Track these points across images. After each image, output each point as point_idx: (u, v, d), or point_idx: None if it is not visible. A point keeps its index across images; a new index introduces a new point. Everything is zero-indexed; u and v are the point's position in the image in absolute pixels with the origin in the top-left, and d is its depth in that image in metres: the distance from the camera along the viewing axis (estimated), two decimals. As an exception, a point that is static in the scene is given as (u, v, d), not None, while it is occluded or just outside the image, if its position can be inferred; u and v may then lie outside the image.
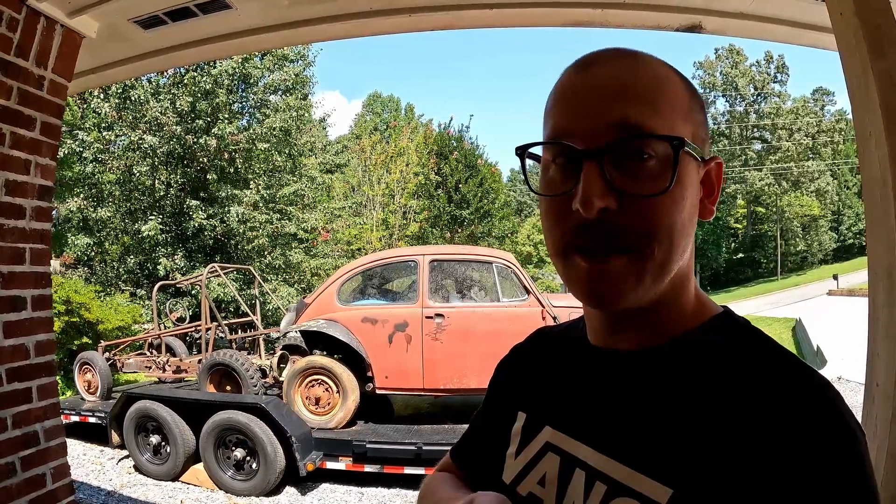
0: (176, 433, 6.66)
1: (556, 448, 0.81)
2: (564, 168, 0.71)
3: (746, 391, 0.64)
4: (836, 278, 34.34)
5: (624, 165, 0.68)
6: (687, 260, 0.74)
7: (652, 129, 0.67)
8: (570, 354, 0.89)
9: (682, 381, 0.70)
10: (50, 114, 2.73)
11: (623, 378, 0.76)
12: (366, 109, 56.23)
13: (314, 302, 7.33)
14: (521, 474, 0.85)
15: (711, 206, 0.77)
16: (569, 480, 0.76)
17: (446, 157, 25.73)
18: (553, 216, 0.72)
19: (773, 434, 0.59)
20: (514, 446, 0.89)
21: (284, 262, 18.30)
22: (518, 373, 1.00)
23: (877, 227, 1.82)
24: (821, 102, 56.90)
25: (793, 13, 2.88)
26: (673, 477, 0.64)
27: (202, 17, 2.96)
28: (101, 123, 16.08)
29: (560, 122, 0.71)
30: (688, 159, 0.70)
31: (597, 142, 0.67)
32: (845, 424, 0.60)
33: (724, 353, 0.70)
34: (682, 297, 0.76)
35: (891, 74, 1.76)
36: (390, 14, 2.98)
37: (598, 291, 0.70)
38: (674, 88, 0.72)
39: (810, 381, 0.63)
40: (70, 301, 11.44)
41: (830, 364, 12.10)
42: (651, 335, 0.75)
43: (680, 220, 0.69)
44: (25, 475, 2.52)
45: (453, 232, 24.77)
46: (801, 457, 0.58)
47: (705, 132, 0.76)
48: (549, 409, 0.87)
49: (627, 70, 0.71)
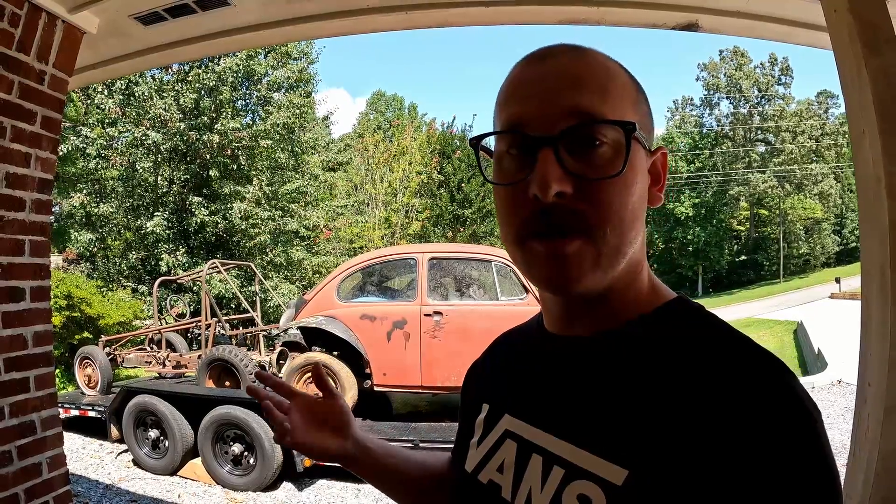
0: (174, 428, 6.68)
1: (514, 435, 0.82)
2: (519, 157, 0.73)
3: (701, 372, 0.64)
4: (839, 281, 34.16)
5: (578, 151, 0.69)
6: (639, 246, 0.76)
7: (604, 116, 0.70)
8: (528, 344, 0.91)
9: (636, 363, 0.71)
10: (51, 108, 2.74)
11: (577, 363, 0.78)
12: (369, 108, 56.22)
13: (314, 299, 7.36)
14: (481, 462, 0.86)
15: (659, 194, 0.79)
16: (526, 466, 0.77)
17: (449, 156, 25.76)
18: (509, 205, 0.74)
19: (727, 414, 0.60)
20: (477, 436, 0.91)
21: (286, 260, 18.35)
22: (483, 369, 1.03)
23: (870, 225, 1.81)
24: (825, 105, 56.60)
25: (789, 12, 2.87)
26: (628, 458, 0.65)
27: (201, 13, 2.98)
28: (105, 119, 16.15)
29: (514, 112, 0.73)
30: (637, 146, 0.72)
31: (551, 129, 0.69)
32: (800, 404, 0.61)
33: (678, 336, 0.71)
34: (636, 282, 0.78)
35: (885, 72, 1.76)
36: (387, 11, 2.99)
37: (555, 274, 0.71)
38: (622, 80, 0.75)
39: (764, 362, 0.64)
40: (71, 296, 11.47)
41: (831, 367, 12.04)
42: (606, 320, 0.76)
43: (631, 203, 0.71)
44: (21, 464, 2.54)
45: (455, 231, 24.77)
46: (757, 437, 0.58)
47: (651, 124, 0.79)
48: (508, 397, 0.88)
49: (578, 62, 0.73)
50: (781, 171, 54.55)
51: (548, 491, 0.72)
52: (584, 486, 0.68)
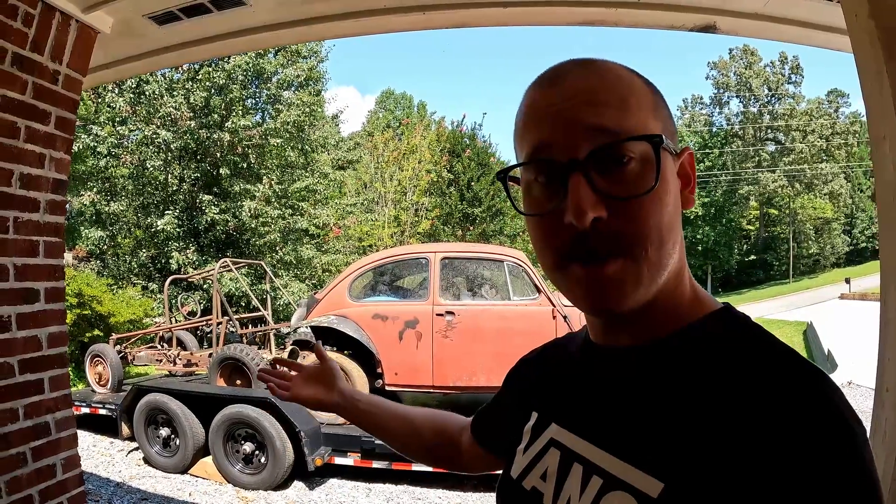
0: (185, 426, 6.69)
1: (558, 444, 0.83)
2: (547, 184, 0.72)
3: (741, 385, 0.64)
4: (849, 282, 34.11)
5: (608, 171, 0.69)
6: (678, 253, 0.75)
7: (628, 132, 0.68)
8: (575, 354, 0.92)
9: (678, 375, 0.70)
10: (65, 108, 2.74)
11: (620, 373, 0.78)
12: (379, 106, 56.27)
13: (325, 298, 7.35)
14: (526, 469, 0.87)
15: (691, 195, 0.79)
16: (567, 474, 0.78)
17: (459, 154, 25.73)
18: (544, 234, 0.73)
19: (766, 427, 0.59)
20: (524, 443, 0.91)
21: (296, 258, 18.38)
22: (534, 371, 1.03)
23: (890, 230, 1.79)
24: (835, 104, 56.39)
25: (807, 14, 2.86)
26: (665, 471, 0.65)
27: (216, 13, 2.97)
28: (115, 118, 16.20)
29: (536, 139, 0.72)
30: (666, 154, 0.72)
31: (577, 152, 0.69)
32: (841, 416, 0.60)
33: (721, 348, 0.70)
34: (678, 289, 0.77)
35: (905, 78, 1.74)
36: (404, 12, 2.98)
37: (597, 297, 0.71)
38: (639, 88, 0.73)
39: (806, 374, 0.63)
40: (82, 294, 11.53)
41: (841, 368, 12.03)
42: (649, 330, 0.76)
43: (668, 215, 0.71)
44: (36, 465, 2.54)
45: (465, 230, 24.77)
46: (796, 450, 0.57)
47: (673, 125, 0.78)
48: (556, 406, 0.89)
49: (591, 78, 0.72)
50: (791, 171, 54.41)
51: (585, 500, 0.73)
52: (621, 496, 0.68)
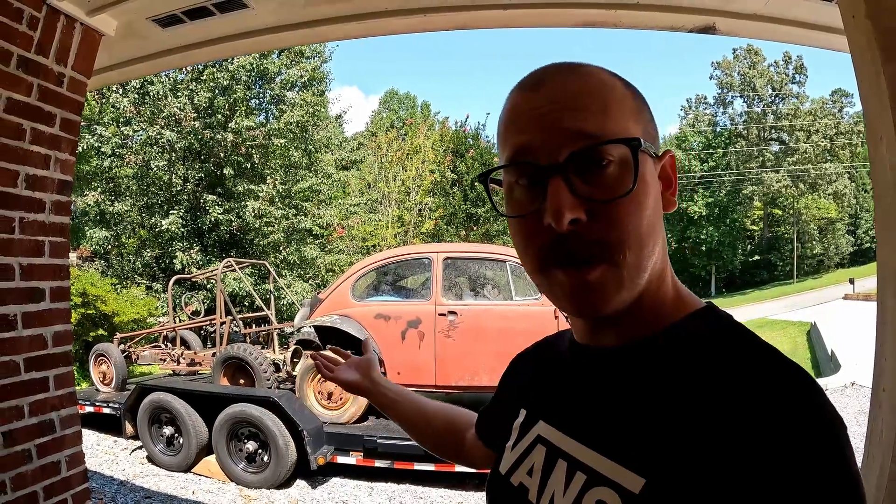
0: (189, 425, 6.73)
1: (544, 440, 0.85)
2: (528, 187, 0.74)
3: (723, 383, 0.65)
4: (853, 282, 33.91)
5: (587, 174, 0.70)
6: (660, 254, 0.76)
7: (609, 135, 0.70)
8: (562, 353, 0.94)
9: (661, 374, 0.71)
10: (69, 110, 2.76)
11: (604, 372, 0.79)
12: (382, 106, 56.28)
13: (328, 297, 7.37)
14: (514, 465, 0.89)
15: (672, 198, 0.80)
16: (552, 470, 0.79)
17: (462, 154, 25.72)
18: (525, 236, 0.75)
19: (747, 424, 0.60)
20: (512, 439, 0.93)
21: (299, 258, 18.39)
22: (526, 367, 1.06)
23: (888, 230, 1.78)
24: (839, 104, 56.12)
25: (807, 15, 2.85)
26: (646, 467, 0.66)
27: (220, 16, 2.99)
28: (120, 118, 16.23)
29: (518, 142, 0.74)
30: (645, 158, 0.73)
31: (557, 156, 0.70)
32: (821, 414, 0.60)
33: (704, 346, 0.71)
34: (661, 289, 0.78)
35: (902, 78, 1.74)
36: (405, 14, 2.99)
37: (581, 302, 0.73)
38: (621, 93, 0.75)
39: (786, 374, 0.64)
40: (86, 293, 11.57)
41: (844, 369, 11.97)
42: (632, 330, 0.77)
43: (647, 218, 0.72)
44: (41, 462, 2.57)
45: (468, 230, 24.75)
46: (777, 446, 0.58)
47: (654, 129, 0.79)
48: (543, 404, 0.91)
49: (574, 82, 0.73)
50: (795, 171, 54.20)
51: (569, 496, 0.74)
52: (603, 492, 0.69)
